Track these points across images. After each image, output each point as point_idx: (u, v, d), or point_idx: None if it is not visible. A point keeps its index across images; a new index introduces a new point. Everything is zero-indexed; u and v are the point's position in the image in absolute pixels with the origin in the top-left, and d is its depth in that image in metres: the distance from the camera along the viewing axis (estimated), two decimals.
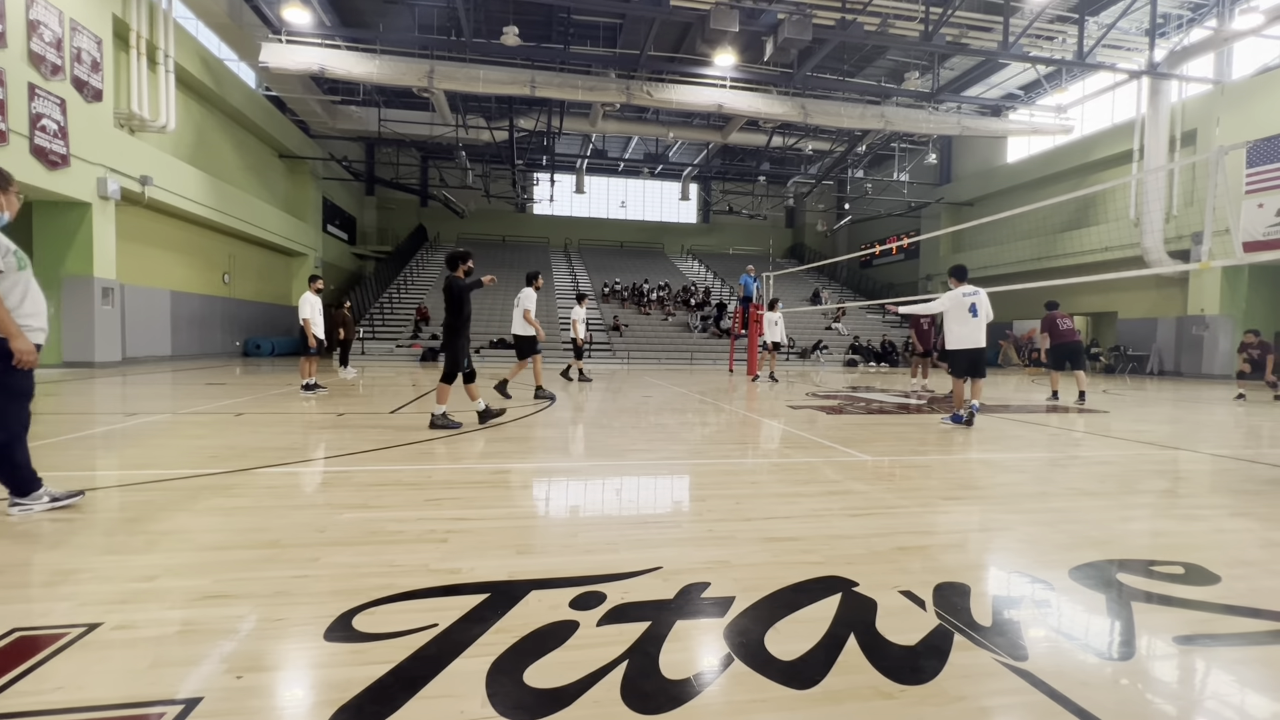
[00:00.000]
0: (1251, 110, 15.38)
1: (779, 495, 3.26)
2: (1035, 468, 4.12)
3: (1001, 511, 3.03)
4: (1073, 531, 2.70)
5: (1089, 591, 2.06)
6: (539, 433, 5.24)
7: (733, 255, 34.01)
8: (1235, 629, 1.83)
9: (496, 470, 3.73)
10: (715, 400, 8.47)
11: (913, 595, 2.00)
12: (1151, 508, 3.19)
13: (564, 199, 33.01)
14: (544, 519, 2.82)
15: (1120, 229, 18.11)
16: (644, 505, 3.09)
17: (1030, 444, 5.18)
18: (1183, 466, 4.30)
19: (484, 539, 2.47)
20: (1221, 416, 7.47)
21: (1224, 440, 5.50)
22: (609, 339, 21.37)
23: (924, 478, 3.74)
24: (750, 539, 2.52)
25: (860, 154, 24.64)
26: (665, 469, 3.94)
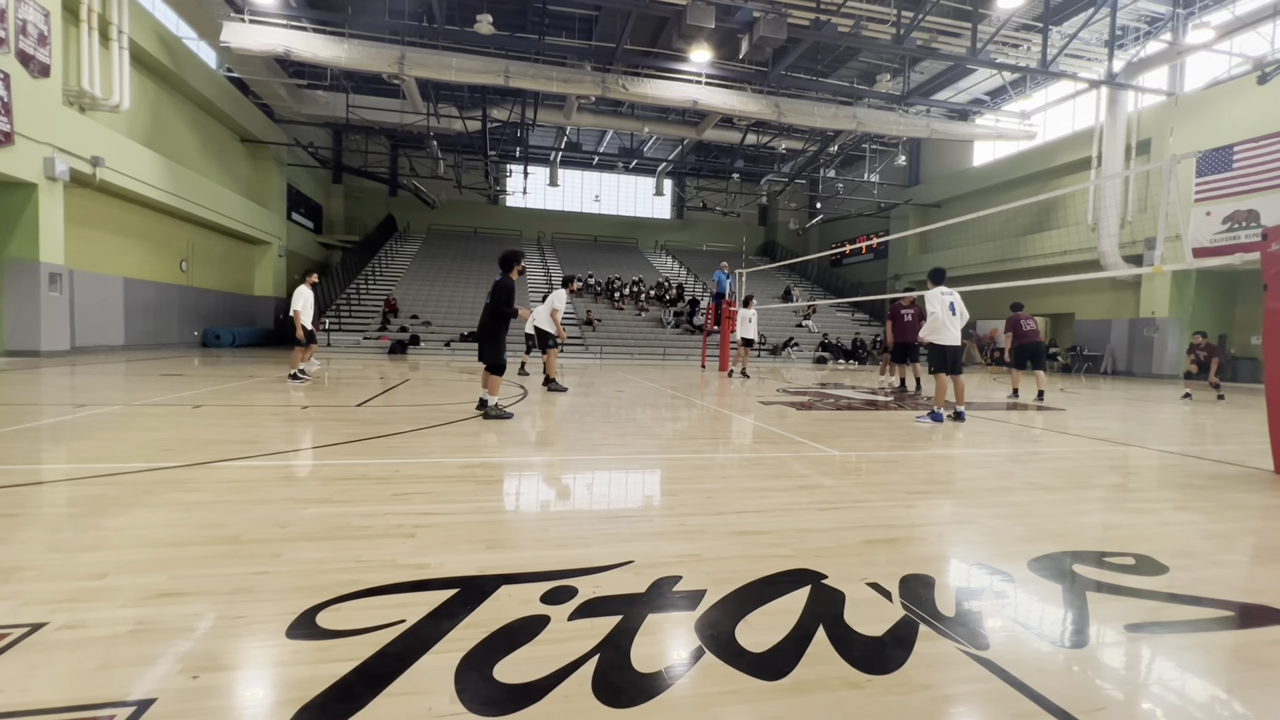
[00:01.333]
0: (1202, 121, 16.06)
1: (750, 489, 3.29)
2: (997, 463, 4.24)
3: (965, 505, 3.11)
4: (1032, 524, 2.79)
5: (1046, 582, 2.13)
6: (511, 427, 5.19)
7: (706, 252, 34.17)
8: (1180, 617, 1.91)
9: (466, 465, 3.68)
10: (688, 395, 8.50)
11: (880, 587, 2.04)
12: (1104, 501, 3.32)
13: (537, 192, 32.70)
14: (515, 513, 2.79)
15: (1079, 233, 18.76)
16: (616, 499, 3.08)
17: (992, 440, 5.33)
18: (1133, 462, 4.48)
19: (453, 534, 2.43)
20: (1169, 415, 7.81)
21: (1171, 438, 5.75)
22: (582, 334, 21.28)
23: (890, 472, 3.82)
24: (721, 533, 2.54)
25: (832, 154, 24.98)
26: (637, 463, 3.94)
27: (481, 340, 5.58)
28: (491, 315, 5.48)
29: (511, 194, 31.23)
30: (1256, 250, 4.25)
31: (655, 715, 1.40)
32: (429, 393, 7.84)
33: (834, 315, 26.51)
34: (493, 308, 5.44)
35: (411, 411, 5.93)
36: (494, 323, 5.49)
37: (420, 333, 19.18)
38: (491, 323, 5.49)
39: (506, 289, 5.43)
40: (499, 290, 5.42)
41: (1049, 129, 21.41)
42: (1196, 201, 15.04)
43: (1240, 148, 13.83)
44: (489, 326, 5.52)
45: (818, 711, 1.42)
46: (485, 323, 5.53)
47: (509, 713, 1.38)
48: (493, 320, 5.49)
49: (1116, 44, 16.53)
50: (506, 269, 5.54)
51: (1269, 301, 4.10)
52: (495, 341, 5.52)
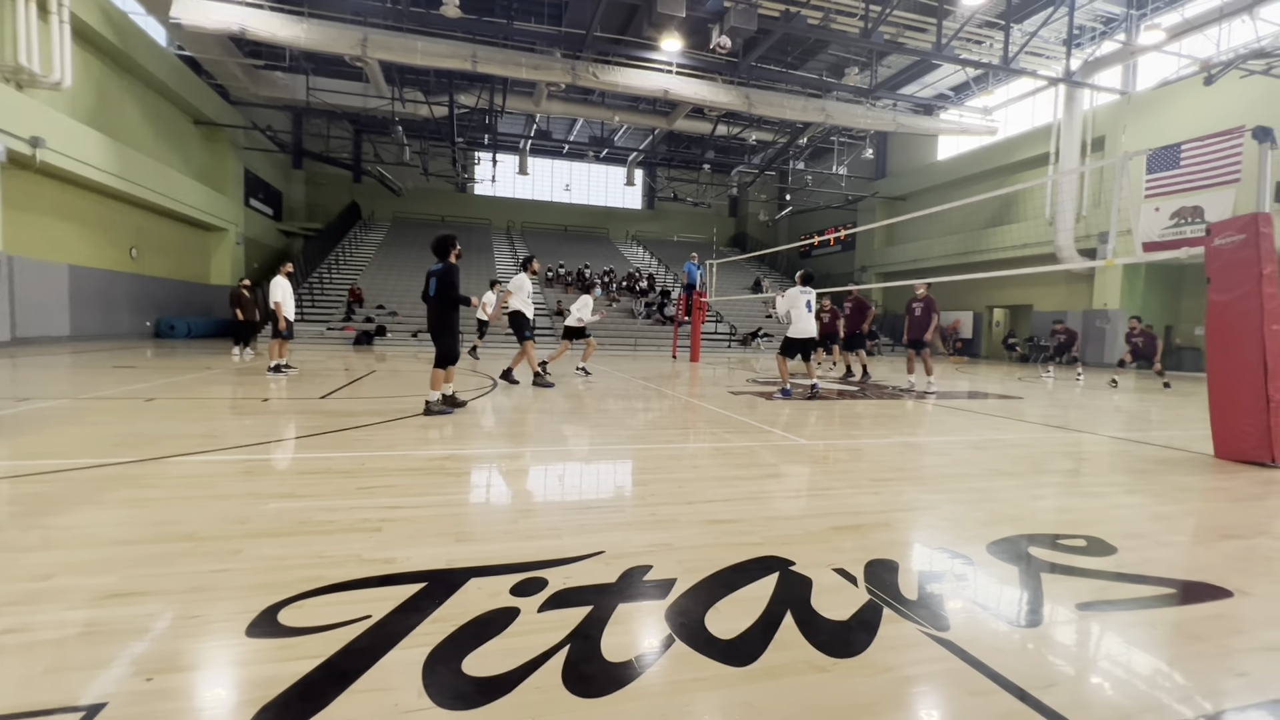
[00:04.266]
0: (1153, 120, 16.68)
1: (720, 479, 3.32)
2: (958, 451, 4.37)
3: (927, 492, 3.20)
4: (990, 509, 2.88)
5: (1003, 564, 2.21)
6: (478, 418, 5.14)
7: (677, 243, 34.19)
8: (1127, 595, 2.00)
9: (434, 457, 3.63)
10: (659, 386, 8.53)
11: (845, 572, 2.08)
12: (1058, 486, 3.46)
13: (506, 180, 32.23)
14: (484, 506, 2.77)
15: (1037, 227, 19.35)
16: (587, 490, 3.09)
17: (953, 428, 5.49)
18: (1086, 448, 4.68)
19: (420, 527, 2.40)
20: (1118, 402, 8.15)
21: (1120, 424, 6.01)
22: (552, 324, 21.15)
23: (856, 460, 3.91)
24: (692, 522, 2.56)
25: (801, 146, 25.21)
26: (608, 454, 3.95)
27: (438, 333, 5.33)
28: (442, 306, 5.25)
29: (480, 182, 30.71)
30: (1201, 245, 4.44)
31: (625, 704, 1.40)
32: (396, 384, 7.71)
33: None
34: (442, 297, 5.21)
35: (378, 403, 5.83)
36: (447, 313, 5.29)
37: (386, 323, 18.84)
38: (444, 314, 5.28)
39: (453, 274, 5.22)
40: (445, 277, 5.20)
41: (1010, 125, 21.97)
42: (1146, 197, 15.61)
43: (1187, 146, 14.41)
44: (443, 318, 5.29)
45: (786, 695, 1.44)
46: (437, 315, 5.28)
47: (478, 706, 1.37)
48: (445, 311, 5.28)
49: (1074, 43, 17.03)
50: (443, 254, 5.30)
51: (1211, 294, 4.30)
52: (452, 332, 5.33)
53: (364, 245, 26.97)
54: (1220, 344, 4.24)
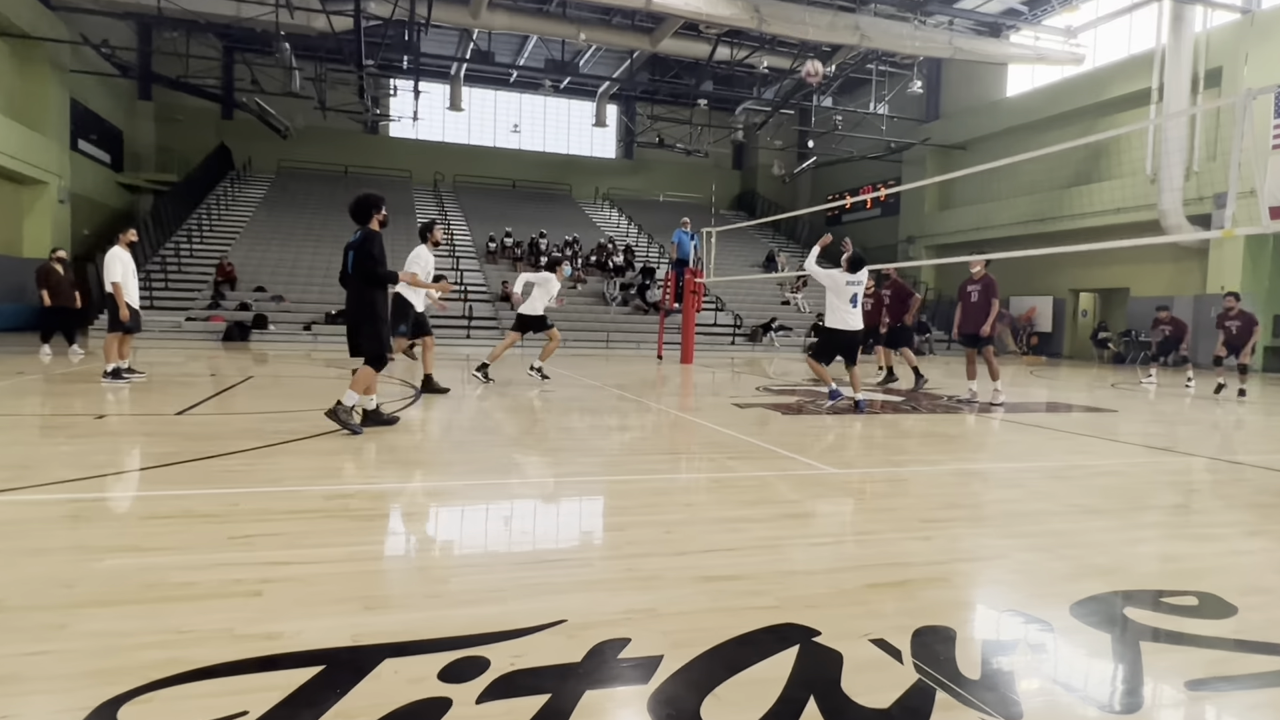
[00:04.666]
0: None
1: (721, 520, 3.34)
2: (1033, 480, 4.45)
3: (993, 535, 3.26)
4: (1075, 558, 2.94)
5: (1092, 631, 2.26)
6: (399, 440, 5.10)
7: (664, 204, 34.32)
8: (1251, 669, 2.06)
9: (335, 494, 3.59)
10: (639, 396, 8.54)
11: (887, 644, 2.11)
12: (1162, 527, 3.53)
13: (433, 118, 32.03)
14: (403, 560, 2.75)
15: (1135, 186, 19.75)
16: (543, 538, 3.09)
17: (1027, 451, 5.58)
18: (1196, 477, 4.80)
19: (316, 590, 2.38)
20: (1238, 415, 8.36)
21: (1240, 444, 6.16)
22: (496, 312, 21.07)
23: (901, 495, 3.96)
24: (683, 579, 2.57)
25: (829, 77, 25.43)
26: (572, 488, 3.94)
27: (356, 323, 5.30)
28: (363, 286, 5.27)
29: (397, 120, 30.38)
30: None
31: None
32: (281, 395, 7.61)
33: None
34: (363, 274, 5.21)
35: (256, 421, 5.74)
36: (369, 296, 5.29)
37: (268, 311, 18.68)
38: (365, 296, 5.28)
39: (374, 245, 5.24)
40: (365, 248, 5.21)
41: (1101, 52, 22.43)
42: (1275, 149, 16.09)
43: None
44: (363, 302, 5.28)
45: None
46: (357, 300, 5.29)
47: None
48: (366, 293, 5.28)
49: None
50: (363, 219, 5.34)
51: None
52: (374, 321, 5.32)
53: (238, 205, 26.60)
54: None
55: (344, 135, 30.94)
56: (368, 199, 5.37)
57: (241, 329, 17.46)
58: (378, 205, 5.38)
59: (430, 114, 31.35)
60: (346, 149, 31.37)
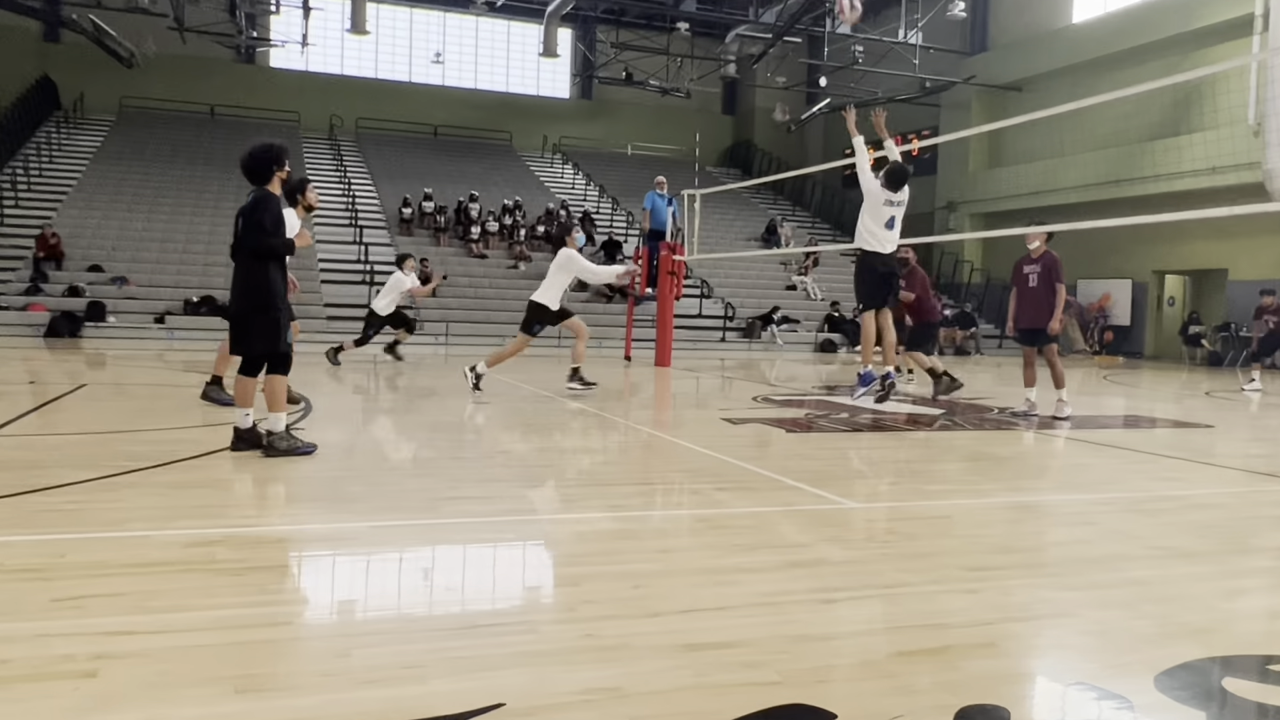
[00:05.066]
0: None
1: (707, 571, 3.33)
2: (1109, 516, 4.51)
3: (1056, 587, 3.29)
4: (1161, 616, 2.98)
5: (1184, 708, 2.29)
6: (285, 468, 5.03)
7: (632, 158, 34.33)
8: None
9: (196, 541, 3.54)
10: (601, 410, 8.52)
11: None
12: (1271, 574, 3.61)
13: (329, 44, 31.72)
14: (286, 627, 2.71)
15: (1233, 139, 20.14)
16: (474, 597, 3.07)
17: (1100, 478, 5.65)
18: None
19: (171, 669, 2.33)
20: None
21: None
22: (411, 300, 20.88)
23: (940, 536, 3.99)
24: (657, 648, 2.56)
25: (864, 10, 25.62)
26: (511, 531, 3.92)
27: (243, 312, 5.26)
28: (252, 263, 5.26)
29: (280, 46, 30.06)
30: None
31: None
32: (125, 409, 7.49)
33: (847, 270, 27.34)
34: (252, 248, 5.22)
35: (92, 444, 5.64)
36: (259, 277, 5.27)
37: (108, 298, 18.35)
38: (254, 278, 5.26)
39: (267, 211, 5.25)
40: (254, 215, 5.22)
41: None
42: None
43: None
44: (251, 284, 5.25)
45: None
46: (243, 279, 5.27)
47: None
48: (257, 273, 5.27)
49: None
50: (262, 178, 5.35)
51: None
52: (268, 311, 5.27)
53: (65, 156, 26.18)
54: None
55: (210, 65, 30.50)
56: (268, 151, 5.33)
57: (70, 321, 17.11)
58: (279, 160, 5.36)
59: (325, 39, 31.01)
60: (213, 83, 30.94)
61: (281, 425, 5.27)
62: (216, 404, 7.37)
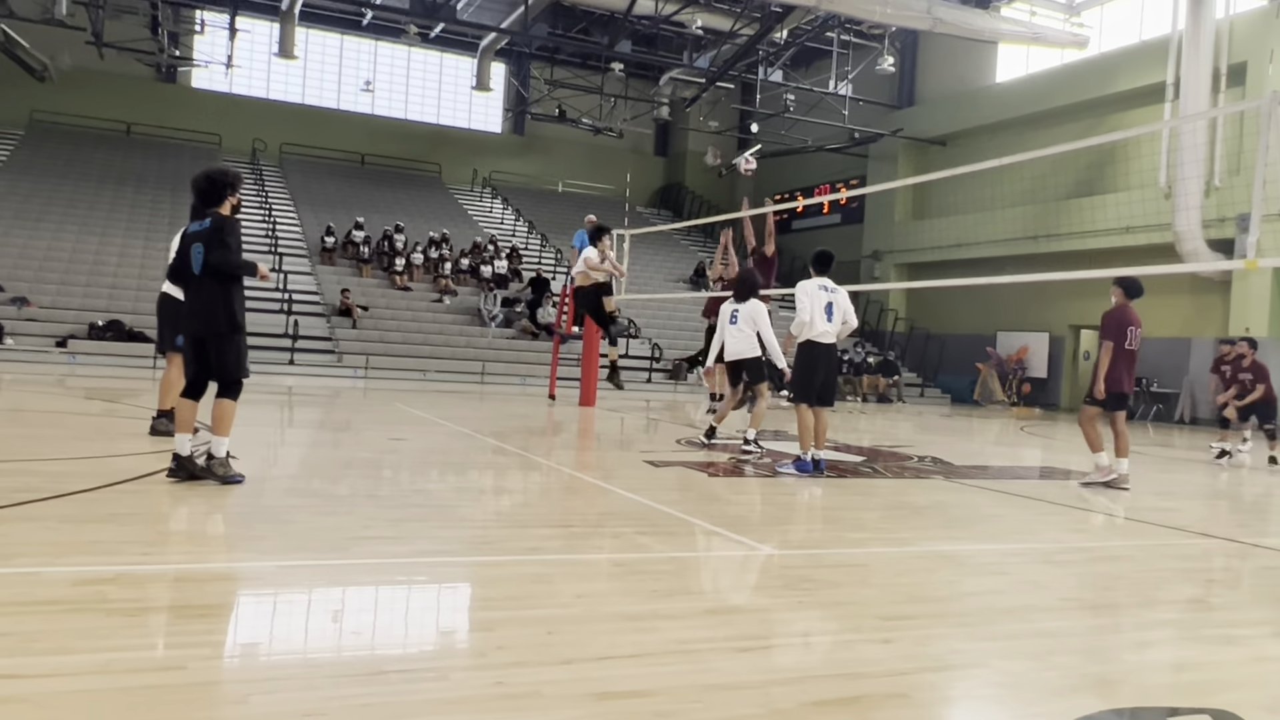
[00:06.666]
0: None
1: (623, 617, 3.33)
2: (1021, 567, 4.63)
3: (969, 637, 3.36)
4: (1069, 666, 3.06)
5: None
6: (188, 506, 4.90)
7: (564, 196, 34.50)
8: None
9: (88, 578, 3.41)
10: (523, 449, 8.48)
11: None
12: (1176, 626, 3.72)
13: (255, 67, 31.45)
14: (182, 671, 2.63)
15: (1147, 201, 20.99)
16: (382, 641, 3.03)
17: (1015, 529, 5.80)
18: (1217, 562, 5.10)
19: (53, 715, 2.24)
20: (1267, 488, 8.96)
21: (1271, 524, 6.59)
22: (331, 331, 20.63)
23: (857, 584, 4.05)
24: (570, 696, 2.54)
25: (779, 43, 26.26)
26: (424, 573, 3.88)
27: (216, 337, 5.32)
28: (218, 286, 5.32)
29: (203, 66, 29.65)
30: None
31: None
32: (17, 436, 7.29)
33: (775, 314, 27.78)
34: (220, 269, 5.27)
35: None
36: (227, 300, 5.35)
37: (5, 319, 17.86)
38: (221, 301, 5.33)
39: (232, 233, 5.35)
40: (219, 235, 5.26)
41: (1108, 35, 24.06)
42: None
43: None
44: (217, 308, 5.31)
45: None
46: (208, 301, 5.32)
47: None
48: (223, 296, 5.34)
49: None
50: (213, 200, 5.42)
51: None
52: (240, 331, 5.43)
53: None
54: None
55: (128, 82, 29.96)
56: (222, 176, 5.50)
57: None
58: (234, 185, 5.54)
59: (251, 61, 30.75)
60: (131, 101, 30.40)
61: (223, 450, 5.29)
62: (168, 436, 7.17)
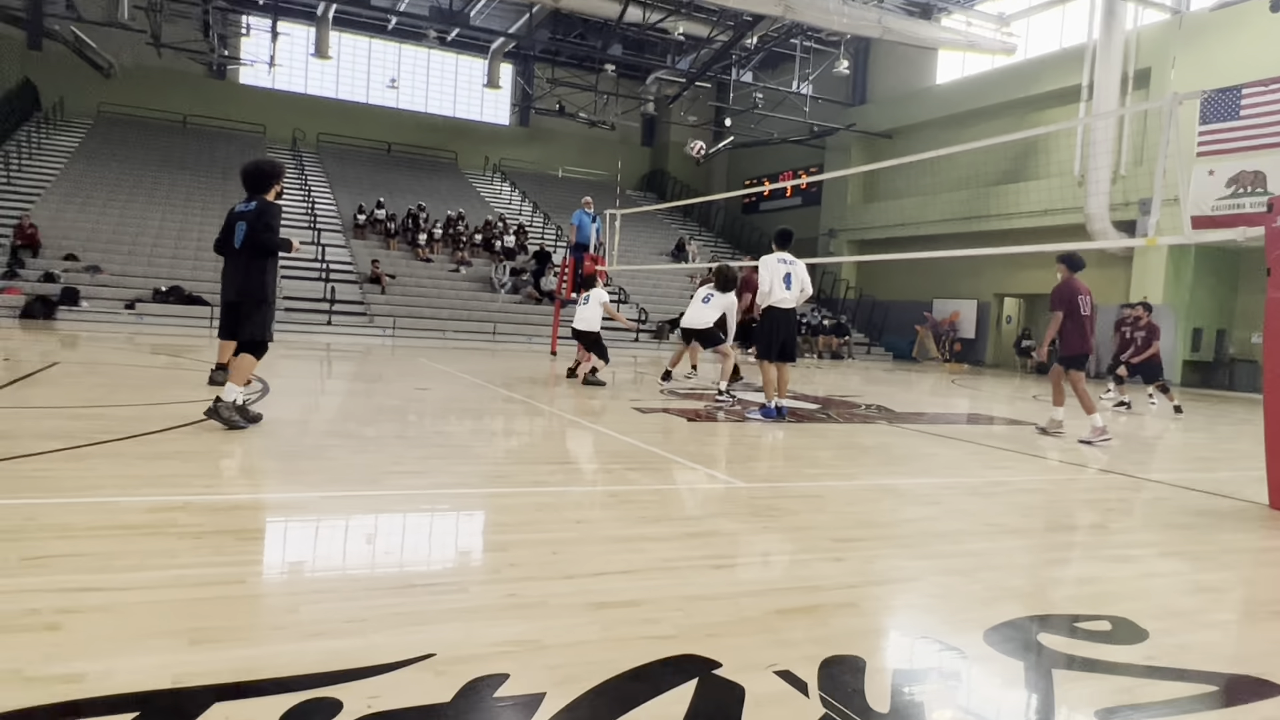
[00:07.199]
0: (1210, 51, 18.73)
1: (616, 539, 3.38)
2: (953, 497, 4.70)
3: (908, 556, 3.43)
4: (991, 581, 3.12)
5: (1006, 659, 2.40)
6: (240, 444, 4.89)
7: (563, 180, 34.22)
8: (1159, 696, 2.24)
9: (158, 507, 3.41)
10: (530, 397, 8.50)
11: (792, 676, 2.17)
12: (1080, 547, 3.81)
13: (294, 65, 30.87)
14: (240, 585, 2.64)
15: (1063, 188, 21.11)
16: (410, 559, 3.05)
17: (947, 466, 5.89)
18: (1115, 494, 5.18)
19: (131, 622, 2.25)
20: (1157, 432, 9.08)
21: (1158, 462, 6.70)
22: (363, 296, 20.52)
23: (814, 512, 4.10)
24: (571, 606, 2.57)
25: (750, 48, 25.97)
26: (446, 502, 3.90)
27: (247, 302, 5.40)
28: (254, 259, 5.42)
29: (249, 65, 29.10)
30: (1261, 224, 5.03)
31: None
32: (94, 386, 7.23)
33: None
34: (260, 245, 5.38)
35: (62, 418, 5.44)
36: (260, 274, 5.44)
37: (81, 285, 17.65)
38: (256, 274, 5.44)
39: (275, 216, 5.46)
40: (263, 218, 5.36)
41: (1033, 43, 23.88)
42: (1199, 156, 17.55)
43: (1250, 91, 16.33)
44: (253, 280, 5.41)
45: None
46: (246, 274, 5.42)
47: None
48: (258, 269, 5.44)
49: None
50: (262, 188, 5.51)
51: (1271, 290, 4.87)
52: (263, 303, 5.47)
53: (44, 155, 24.99)
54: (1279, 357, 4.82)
55: (183, 78, 29.42)
56: (272, 167, 5.58)
57: (45, 305, 16.37)
58: (278, 175, 5.59)
59: (291, 60, 30.21)
60: (186, 95, 29.87)
61: (234, 396, 5.25)
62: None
